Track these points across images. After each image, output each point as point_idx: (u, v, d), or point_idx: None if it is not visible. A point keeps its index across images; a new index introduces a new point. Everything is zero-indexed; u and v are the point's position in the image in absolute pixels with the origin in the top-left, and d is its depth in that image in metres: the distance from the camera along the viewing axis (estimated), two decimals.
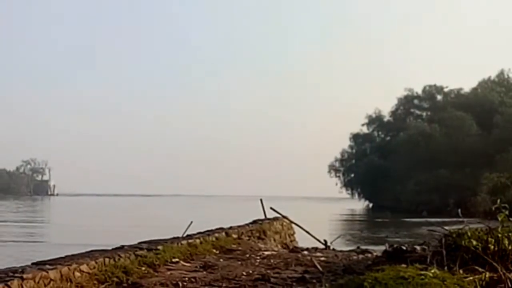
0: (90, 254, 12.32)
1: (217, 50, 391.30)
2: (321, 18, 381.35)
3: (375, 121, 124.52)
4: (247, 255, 16.97)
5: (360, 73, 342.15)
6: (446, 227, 12.83)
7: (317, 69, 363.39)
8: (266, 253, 18.04)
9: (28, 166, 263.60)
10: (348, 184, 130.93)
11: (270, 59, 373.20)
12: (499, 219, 10.87)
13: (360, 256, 17.69)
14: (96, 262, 11.38)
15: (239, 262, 15.25)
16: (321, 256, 17.64)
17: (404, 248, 13.13)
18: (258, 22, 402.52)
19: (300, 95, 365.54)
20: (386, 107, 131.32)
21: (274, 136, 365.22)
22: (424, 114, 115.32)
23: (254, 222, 25.78)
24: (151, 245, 15.06)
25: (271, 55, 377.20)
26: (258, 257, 16.60)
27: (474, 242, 10.75)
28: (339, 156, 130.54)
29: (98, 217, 75.00)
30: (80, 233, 36.31)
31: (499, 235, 10.60)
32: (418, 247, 13.13)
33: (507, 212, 10.82)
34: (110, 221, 66.80)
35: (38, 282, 9.19)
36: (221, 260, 15.62)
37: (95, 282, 10.72)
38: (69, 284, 9.90)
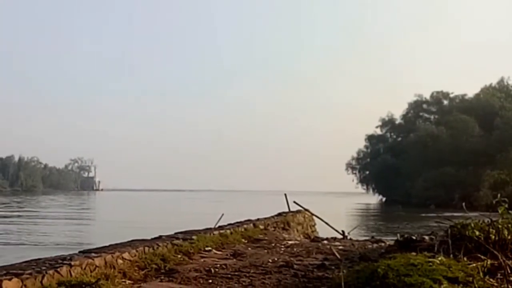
0: (132, 243, 12.36)
1: (243, 63, 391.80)
2: (337, 30, 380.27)
3: (388, 123, 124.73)
4: (273, 244, 16.94)
5: (373, 80, 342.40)
6: (452, 219, 12.81)
7: (334, 77, 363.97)
8: (290, 242, 18.00)
9: (76, 164, 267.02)
10: (363, 180, 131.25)
11: (292, 70, 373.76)
12: (499, 211, 10.86)
13: (375, 245, 17.59)
14: (136, 251, 11.41)
15: (266, 251, 15.22)
16: (339, 245, 17.59)
17: (414, 238, 13.07)
18: (281, 36, 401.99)
19: (320, 101, 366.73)
20: (397, 111, 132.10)
21: (296, 137, 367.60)
22: (432, 117, 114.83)
23: (279, 214, 25.79)
24: (186, 235, 15.10)
25: (294, 67, 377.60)
26: (282, 246, 16.58)
27: (477, 233, 10.72)
28: (355, 155, 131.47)
29: (141, 211, 75.19)
30: (127, 230, 36.25)
31: (500, 226, 10.57)
32: (426, 237, 13.07)
33: (506, 206, 10.81)
34: (151, 214, 67.15)
35: (85, 269, 9.21)
36: (249, 248, 15.60)
37: (136, 268, 10.75)
38: (112, 270, 9.92)
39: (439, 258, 9.49)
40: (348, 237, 22.55)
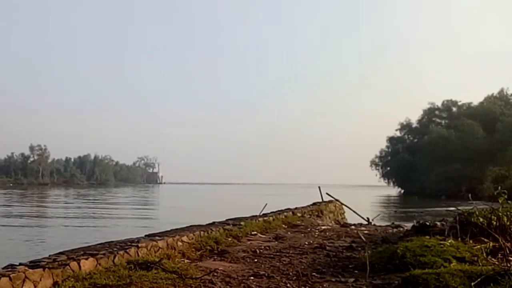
0: (189, 228, 12.46)
1: (284, 76, 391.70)
2: (362, 51, 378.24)
3: (406, 127, 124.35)
4: (309, 229, 16.88)
5: (392, 91, 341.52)
6: (460, 208, 12.67)
7: (360, 89, 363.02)
8: (323, 227, 17.93)
9: (142, 161, 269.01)
10: (385, 175, 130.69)
11: (324, 83, 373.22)
12: (500, 201, 10.92)
13: (394, 229, 17.46)
14: (193, 234, 11.46)
15: (303, 234, 15.18)
16: (365, 230, 17.47)
17: (428, 223, 12.97)
18: (316, 55, 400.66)
19: (348, 108, 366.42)
20: (413, 116, 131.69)
21: (328, 139, 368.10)
22: (443, 122, 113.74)
23: (314, 204, 25.77)
24: (236, 221, 15.18)
25: (323, 77, 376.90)
26: (316, 231, 16.51)
27: (481, 219, 10.68)
28: (378, 154, 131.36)
29: (197, 201, 75.54)
30: (185, 215, 36.26)
31: (500, 214, 10.63)
32: (438, 223, 12.96)
33: (506, 196, 10.85)
34: (206, 203, 67.35)
35: (150, 250, 9.28)
36: (289, 233, 15.57)
37: (193, 249, 10.77)
38: (173, 251, 9.97)
39: (449, 241, 9.51)
40: (372, 223, 22.35)
